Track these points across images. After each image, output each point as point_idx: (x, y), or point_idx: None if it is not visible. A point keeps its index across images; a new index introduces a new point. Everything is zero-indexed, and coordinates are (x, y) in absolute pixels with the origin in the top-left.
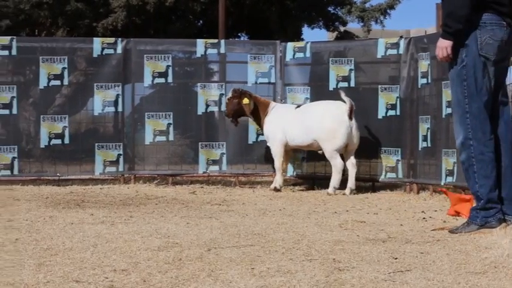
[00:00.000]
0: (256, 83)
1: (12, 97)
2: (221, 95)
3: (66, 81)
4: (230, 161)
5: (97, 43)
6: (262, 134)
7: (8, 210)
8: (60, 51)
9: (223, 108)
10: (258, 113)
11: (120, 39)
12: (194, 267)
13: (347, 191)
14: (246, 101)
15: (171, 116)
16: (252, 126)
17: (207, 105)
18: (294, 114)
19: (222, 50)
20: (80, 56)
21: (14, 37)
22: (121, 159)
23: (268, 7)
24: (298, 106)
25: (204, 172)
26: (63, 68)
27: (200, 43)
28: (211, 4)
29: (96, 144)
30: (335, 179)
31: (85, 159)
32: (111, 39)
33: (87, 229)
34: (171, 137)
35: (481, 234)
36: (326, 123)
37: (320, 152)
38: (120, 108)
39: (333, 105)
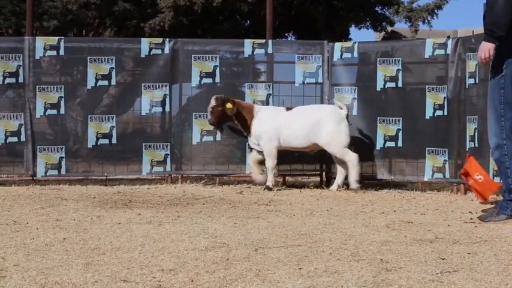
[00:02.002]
0: (303, 83)
1: (60, 97)
2: (268, 95)
3: (113, 82)
4: (278, 161)
5: (145, 43)
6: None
7: (56, 210)
8: (107, 52)
9: None
10: (243, 117)
11: (167, 39)
12: (242, 267)
13: (334, 187)
14: (229, 105)
15: None
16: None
17: None
18: (288, 116)
19: (270, 50)
20: (128, 56)
21: (62, 37)
22: (168, 159)
23: (315, 7)
24: (289, 109)
25: (251, 172)
26: (111, 68)
27: (248, 43)
28: (259, 4)
29: (144, 144)
30: (354, 174)
31: (132, 159)
32: (159, 40)
33: (135, 229)
34: (218, 137)
35: None
36: (330, 127)
37: (312, 153)
38: (167, 109)
39: (332, 108)
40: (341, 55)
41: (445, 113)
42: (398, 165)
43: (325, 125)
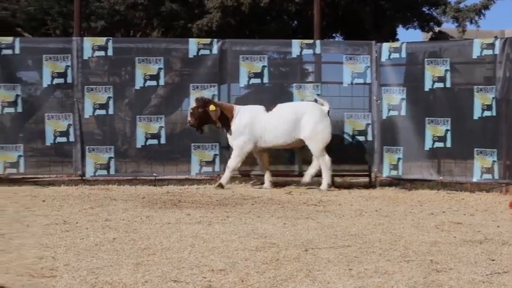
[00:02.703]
0: (351, 83)
1: (109, 97)
2: (317, 95)
3: (162, 82)
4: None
5: (193, 44)
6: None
7: (105, 209)
8: (155, 52)
9: None
10: (224, 117)
11: (215, 39)
12: (292, 267)
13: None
14: (212, 107)
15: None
16: (349, 127)
17: None
18: (269, 115)
19: (318, 51)
20: (176, 57)
21: (110, 38)
22: (217, 159)
23: (362, 7)
24: (268, 109)
25: (300, 173)
26: (159, 69)
27: (296, 44)
28: (306, 5)
29: (192, 144)
30: (327, 176)
31: (181, 160)
32: (207, 40)
33: (184, 229)
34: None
35: None
36: (319, 125)
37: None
38: None
39: (314, 106)
40: (389, 55)
41: (494, 114)
42: (447, 165)
43: (308, 120)
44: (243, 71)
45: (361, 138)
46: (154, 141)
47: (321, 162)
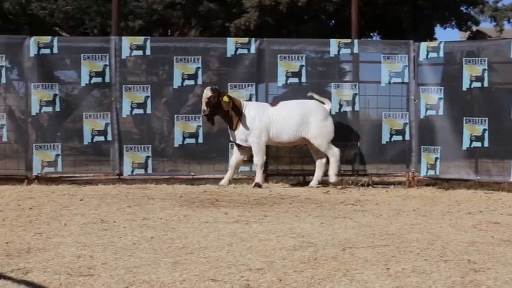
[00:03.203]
0: (389, 82)
1: (147, 97)
2: (354, 94)
3: (200, 81)
4: (363, 161)
5: (231, 43)
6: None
7: (143, 208)
8: (193, 51)
9: (356, 108)
10: (233, 111)
11: (253, 39)
12: (329, 266)
13: (313, 183)
14: (226, 99)
15: None
16: (387, 126)
17: (341, 105)
18: (275, 112)
19: (356, 50)
20: (214, 56)
21: (149, 37)
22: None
23: (400, 6)
24: (274, 104)
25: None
26: (197, 68)
27: (334, 43)
28: (344, 4)
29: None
30: (334, 167)
31: (218, 159)
32: (245, 39)
33: (222, 228)
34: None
35: None
36: (324, 123)
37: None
38: None
39: (319, 105)
40: (427, 55)
41: None
42: (485, 165)
43: (313, 119)
44: (280, 71)
45: (398, 137)
46: (192, 141)
47: (330, 155)
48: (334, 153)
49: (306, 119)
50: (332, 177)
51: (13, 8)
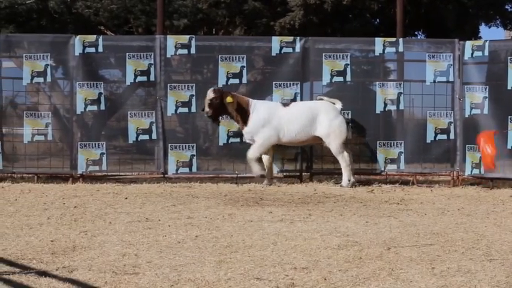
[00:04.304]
0: (434, 81)
1: (191, 95)
2: (399, 93)
3: (244, 80)
4: (408, 160)
5: (275, 42)
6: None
7: (187, 207)
8: (238, 50)
9: (401, 107)
10: (240, 111)
11: (298, 38)
12: (374, 266)
13: (344, 183)
14: (229, 99)
15: (349, 115)
16: (431, 125)
17: (385, 104)
18: (287, 111)
19: (400, 49)
20: (258, 55)
21: (193, 36)
22: (299, 157)
23: (445, 5)
24: (285, 105)
25: (381, 171)
26: (242, 67)
27: (379, 42)
28: (389, 3)
29: None
30: (347, 172)
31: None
32: (290, 38)
33: (267, 227)
34: (349, 136)
35: None
36: (335, 121)
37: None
38: None
39: (330, 104)
40: (472, 53)
41: None
42: None
43: (323, 117)
44: (325, 69)
45: (443, 136)
46: (237, 140)
47: (340, 159)
48: (344, 158)
49: (316, 118)
50: (344, 182)
51: (58, 7)
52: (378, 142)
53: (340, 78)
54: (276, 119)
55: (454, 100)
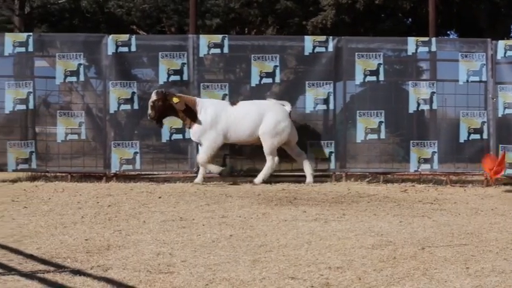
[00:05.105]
0: (467, 81)
1: (224, 94)
2: (432, 93)
3: (277, 79)
4: (441, 160)
5: (308, 41)
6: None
7: (221, 206)
8: (270, 50)
9: (434, 106)
10: (189, 110)
11: (331, 37)
12: (409, 265)
13: (310, 179)
14: (176, 99)
15: (383, 114)
16: (465, 125)
17: (418, 104)
18: (235, 110)
19: (433, 48)
20: (291, 54)
21: (226, 35)
22: (332, 156)
23: (477, 5)
24: (234, 103)
25: (415, 170)
26: (275, 66)
27: (411, 41)
28: (421, 2)
29: (308, 142)
30: (265, 172)
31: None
32: (323, 38)
33: (301, 226)
34: (382, 135)
35: None
36: (276, 122)
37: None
38: (331, 106)
39: (279, 106)
40: (505, 53)
41: None
42: None
43: (268, 116)
44: (358, 69)
45: (476, 136)
46: None
47: (269, 160)
48: (273, 161)
49: (262, 118)
50: (258, 180)
51: (90, 6)
52: (411, 142)
53: (373, 78)
54: (224, 118)
55: (487, 100)
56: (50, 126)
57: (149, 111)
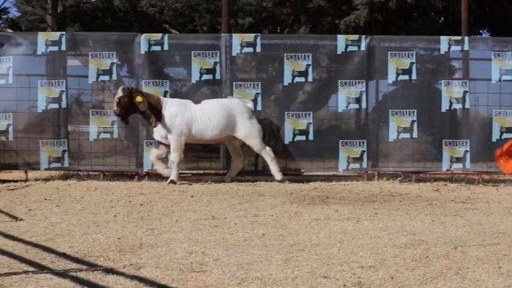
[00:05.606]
0: (500, 80)
1: (257, 94)
2: (465, 92)
3: (310, 78)
4: (474, 159)
5: (341, 40)
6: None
7: (254, 205)
8: (303, 49)
9: (466, 105)
10: (153, 109)
11: (363, 36)
12: (441, 265)
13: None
14: (139, 99)
15: (415, 113)
16: (497, 124)
17: (451, 103)
18: (199, 109)
19: (466, 47)
20: (323, 53)
21: (259, 34)
22: (365, 156)
23: (509, 4)
24: (197, 101)
25: (447, 170)
26: (308, 65)
27: (444, 40)
28: (453, 1)
29: (340, 141)
30: (274, 166)
31: (327, 156)
32: (355, 37)
33: (333, 225)
34: (414, 134)
35: None
36: (252, 122)
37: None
38: (363, 105)
39: (243, 104)
40: None
41: None
42: None
43: (240, 118)
44: (391, 68)
45: (509, 135)
46: (302, 138)
47: (265, 155)
48: (267, 153)
49: (231, 118)
50: (277, 175)
51: (123, 5)
52: (443, 141)
53: (406, 77)
54: (187, 117)
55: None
56: (83, 125)
57: (114, 107)
